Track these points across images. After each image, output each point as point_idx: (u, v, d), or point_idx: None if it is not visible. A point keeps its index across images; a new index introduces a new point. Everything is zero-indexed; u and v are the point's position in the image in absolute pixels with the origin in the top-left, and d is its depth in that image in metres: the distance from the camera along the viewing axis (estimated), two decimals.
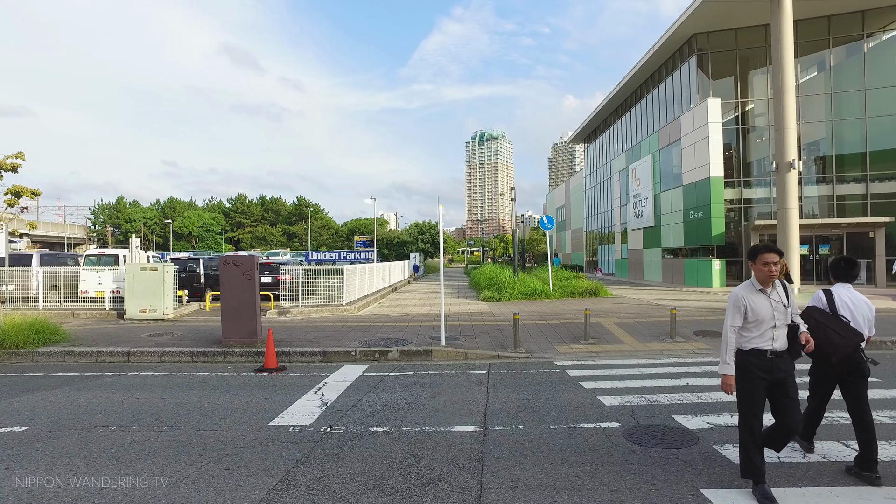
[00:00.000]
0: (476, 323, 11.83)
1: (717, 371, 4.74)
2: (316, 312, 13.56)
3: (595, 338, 10.08)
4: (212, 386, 6.58)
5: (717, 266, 21.71)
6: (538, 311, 13.81)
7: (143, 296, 12.15)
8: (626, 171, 33.09)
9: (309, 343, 9.32)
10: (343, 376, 7.17)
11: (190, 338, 9.88)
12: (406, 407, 5.48)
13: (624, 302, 16.07)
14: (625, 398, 5.72)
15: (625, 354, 8.77)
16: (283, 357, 8.57)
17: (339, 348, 8.83)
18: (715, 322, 11.56)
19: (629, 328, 11.02)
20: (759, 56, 23.00)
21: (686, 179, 24.09)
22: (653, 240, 28.63)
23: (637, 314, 12.99)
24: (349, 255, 37.09)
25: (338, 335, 10.13)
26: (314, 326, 11.30)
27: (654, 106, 29.45)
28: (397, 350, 8.70)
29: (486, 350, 8.94)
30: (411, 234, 52.64)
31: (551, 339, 10.07)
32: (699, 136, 22.50)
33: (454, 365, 8.00)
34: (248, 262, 9.07)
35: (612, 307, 14.57)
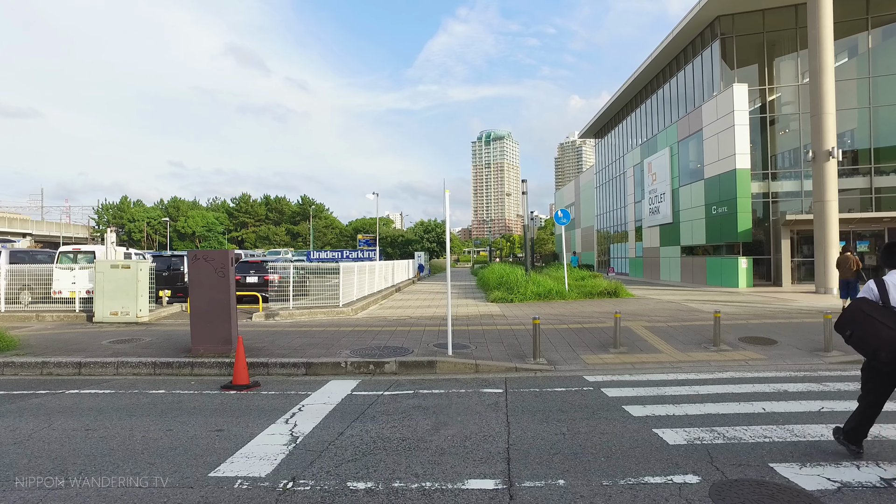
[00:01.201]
0: (487, 327, 10.46)
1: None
2: (308, 315, 12.24)
3: (626, 345, 8.68)
4: (160, 410, 5.25)
5: (744, 264, 20.20)
6: (555, 314, 12.41)
7: (114, 296, 10.87)
8: (640, 165, 31.59)
9: (293, 352, 7.98)
10: (327, 396, 5.82)
11: (158, 345, 8.58)
12: (401, 446, 4.12)
13: (649, 303, 14.63)
14: (691, 432, 4.32)
15: (665, 367, 7.36)
16: (260, 369, 7.24)
17: (326, 358, 7.48)
18: (760, 327, 10.12)
19: (663, 334, 9.60)
20: (787, 39, 21.45)
21: (708, 172, 22.58)
22: (670, 237, 27.11)
23: (668, 317, 11.56)
24: (352, 255, 35.84)
25: (328, 342, 8.79)
26: (303, 331, 9.96)
27: (671, 96, 27.93)
28: (395, 361, 7.34)
29: (501, 361, 7.56)
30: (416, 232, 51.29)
31: (575, 346, 8.68)
32: (723, 126, 21.00)
33: (463, 381, 6.63)
34: (220, 257, 7.75)
35: (637, 309, 13.15)
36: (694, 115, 24.05)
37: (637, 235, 32.82)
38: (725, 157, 20.92)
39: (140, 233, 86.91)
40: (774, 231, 20.67)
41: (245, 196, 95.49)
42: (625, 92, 34.24)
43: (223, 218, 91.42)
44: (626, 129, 36.36)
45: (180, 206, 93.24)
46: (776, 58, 21.76)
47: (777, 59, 21.80)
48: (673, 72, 27.43)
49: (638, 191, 32.32)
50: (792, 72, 21.58)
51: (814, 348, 8.24)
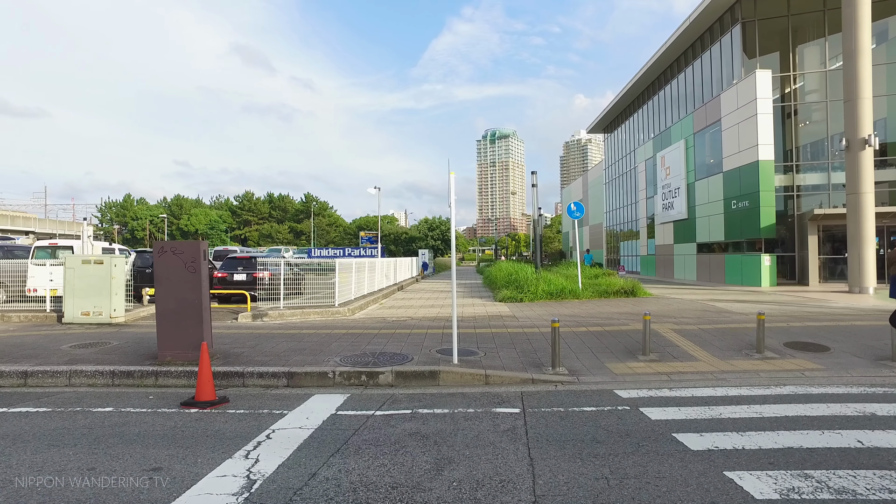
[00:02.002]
0: (496, 330, 9.39)
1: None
2: (300, 316, 11.21)
3: (657, 352, 7.60)
4: (93, 437, 4.22)
5: (767, 262, 19.01)
6: (571, 315, 11.32)
7: (85, 295, 9.87)
8: (653, 159, 30.38)
9: (275, 359, 6.95)
10: (305, 417, 4.78)
11: (124, 350, 7.56)
12: (390, 498, 3.06)
13: (671, 303, 13.51)
14: (778, 479, 3.24)
15: (707, 378, 6.28)
16: (234, 380, 6.22)
17: (312, 367, 6.44)
18: (803, 330, 8.99)
19: (696, 338, 8.50)
20: (813, 22, 20.20)
21: (727, 165, 21.38)
22: (685, 234, 25.92)
23: (696, 318, 10.44)
24: (354, 252, 34.87)
25: (318, 347, 7.75)
26: (291, 334, 8.93)
27: (686, 86, 26.72)
28: (391, 371, 6.29)
29: (515, 371, 6.49)
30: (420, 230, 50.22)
31: (598, 352, 7.60)
32: (744, 115, 19.80)
33: (471, 396, 5.57)
34: (191, 249, 6.72)
35: (660, 310, 12.03)
36: (711, 106, 22.85)
37: (649, 232, 31.63)
38: (747, 148, 19.72)
39: (143, 231, 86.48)
40: (799, 226, 19.46)
41: (248, 194, 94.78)
42: (636, 84, 33.02)
43: (226, 216, 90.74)
44: (637, 122, 35.13)
45: (183, 204, 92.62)
46: (800, 43, 20.51)
47: (801, 44, 20.55)
48: (688, 60, 26.20)
49: (650, 186, 31.12)
50: (817, 57, 20.33)
51: (877, 356, 7.12)
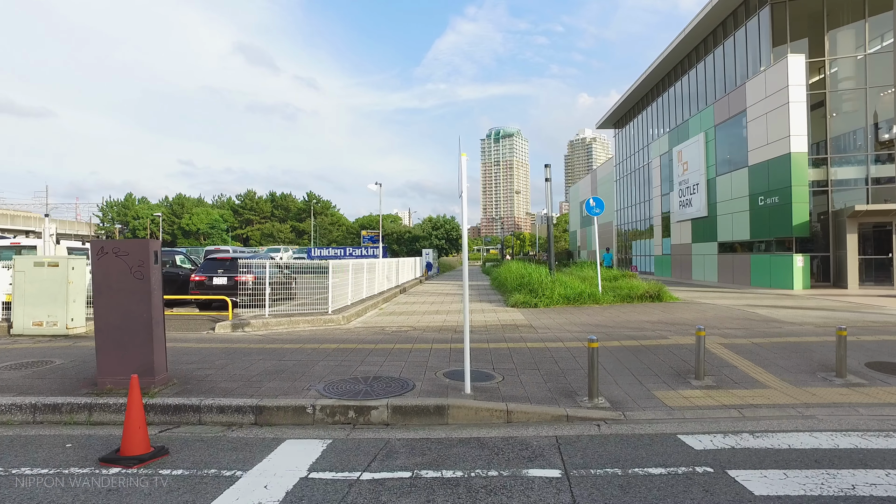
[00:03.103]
0: (513, 344, 8.02)
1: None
2: (287, 325, 9.87)
3: (712, 375, 6.22)
4: None
5: (800, 263, 17.54)
6: (596, 325, 9.94)
7: (37, 302, 8.57)
8: (668, 154, 28.91)
9: (245, 385, 5.60)
10: (263, 484, 3.43)
11: (65, 373, 6.24)
12: None
13: (704, 309, 12.09)
14: None
15: (791, 415, 4.90)
16: (189, 415, 4.90)
17: (288, 399, 5.10)
18: (879, 346, 7.58)
19: (752, 356, 7.11)
20: (849, 4, 18.69)
21: (754, 158, 19.91)
22: (705, 233, 24.45)
23: (742, 329, 9.03)
24: (355, 252, 33.58)
25: (300, 368, 6.41)
26: (272, 350, 7.59)
27: (706, 76, 25.24)
28: (387, 405, 4.94)
29: (544, 405, 5.13)
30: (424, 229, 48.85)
31: (640, 375, 6.22)
32: (774, 104, 18.32)
33: (491, 445, 4.21)
34: (137, 250, 5.39)
35: (695, 318, 10.63)
36: (735, 95, 21.37)
37: (664, 231, 30.17)
38: (777, 139, 18.25)
39: (144, 230, 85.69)
40: (835, 224, 17.98)
41: (250, 193, 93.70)
42: (649, 76, 31.55)
43: (228, 215, 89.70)
44: (650, 116, 33.65)
45: (185, 203, 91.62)
46: (835, 27, 19.00)
47: (835, 28, 19.04)
48: (709, 48, 24.72)
49: (665, 183, 29.65)
50: (852, 41, 18.83)
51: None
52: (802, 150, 17.49)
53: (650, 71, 31.00)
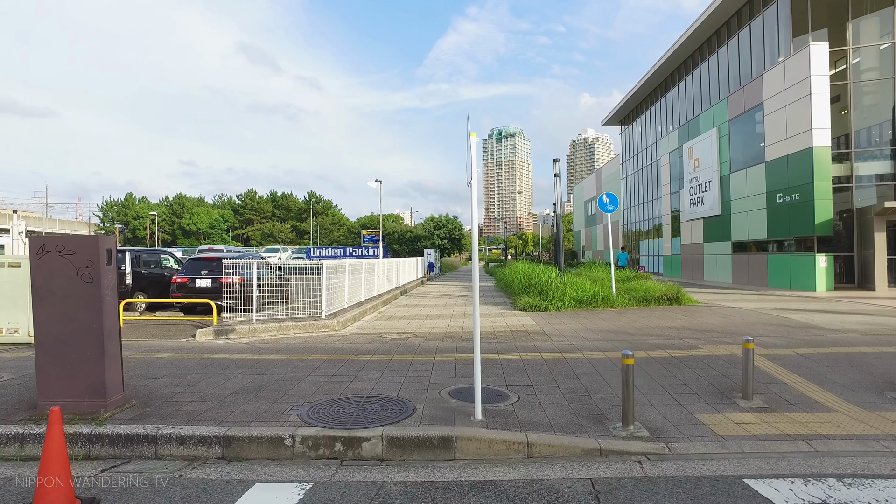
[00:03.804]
0: (527, 355, 7.14)
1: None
2: (277, 331, 9.01)
3: (762, 393, 5.34)
4: None
5: (823, 263, 16.62)
6: (615, 332, 9.05)
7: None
8: (678, 151, 27.98)
9: (216, 407, 4.74)
10: None
11: (8, 392, 5.39)
12: None
13: (730, 314, 11.18)
14: None
15: (873, 447, 4.03)
16: (143, 447, 4.04)
17: (263, 427, 4.23)
18: None
19: (803, 370, 6.21)
20: None
21: (771, 154, 18.99)
22: (718, 232, 23.53)
23: (781, 338, 8.13)
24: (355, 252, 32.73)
25: (284, 385, 5.55)
26: (255, 361, 6.73)
27: (718, 70, 24.33)
28: (382, 436, 4.06)
29: (571, 434, 4.25)
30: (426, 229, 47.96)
31: (678, 394, 5.35)
32: (794, 96, 17.40)
33: (511, 489, 3.33)
34: (85, 248, 4.53)
35: (723, 323, 9.74)
36: (751, 88, 20.45)
37: (673, 230, 29.24)
38: (797, 133, 17.33)
39: (144, 230, 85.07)
40: (860, 223, 17.06)
41: (251, 192, 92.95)
42: (658, 72, 30.66)
43: (228, 215, 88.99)
44: (659, 112, 32.74)
45: (185, 202, 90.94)
46: (858, 15, 18.07)
47: (858, 17, 18.11)
48: (722, 40, 23.81)
49: (675, 180, 28.72)
50: (876, 31, 17.90)
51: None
52: (825, 143, 16.56)
53: (658, 66, 30.10)
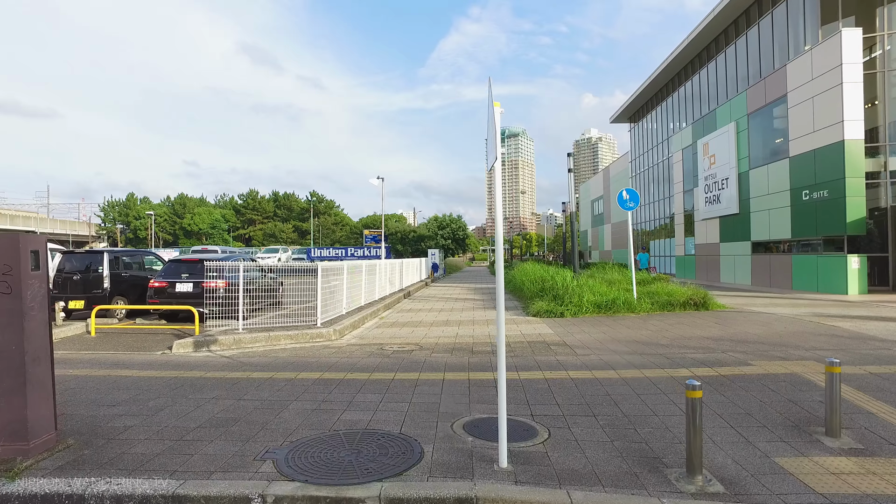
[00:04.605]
0: (551, 374, 6.12)
1: None
2: (265, 341, 8.03)
3: (848, 427, 4.33)
4: None
5: (856, 264, 15.54)
6: (646, 342, 8.02)
7: None
8: (692, 147, 26.90)
9: (173, 449, 3.75)
10: None
11: None
12: None
13: (768, 322, 10.14)
14: None
15: None
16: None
17: (223, 484, 3.24)
18: None
19: (889, 396, 5.19)
20: None
21: (796, 148, 17.92)
22: (736, 231, 22.45)
23: (841, 352, 7.09)
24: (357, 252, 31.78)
25: (262, 414, 4.56)
26: (235, 382, 5.74)
27: (736, 61, 23.26)
28: (380, 498, 3.07)
29: (622, 490, 3.24)
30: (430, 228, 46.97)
31: (741, 426, 4.34)
32: (823, 86, 16.33)
33: None
34: (3, 250, 3.55)
35: (765, 333, 8.70)
36: (773, 79, 19.37)
37: (687, 229, 28.17)
38: (826, 126, 16.26)
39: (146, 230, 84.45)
40: (895, 221, 15.97)
41: (252, 192, 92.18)
42: (670, 65, 29.61)
43: (230, 215, 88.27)
44: (670, 108, 31.67)
45: (187, 202, 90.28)
46: (892, 0, 16.98)
47: (892, 2, 17.02)
48: (740, 30, 22.74)
49: (689, 178, 27.65)
50: None
51: None
52: (858, 136, 15.49)
53: (671, 60, 29.05)
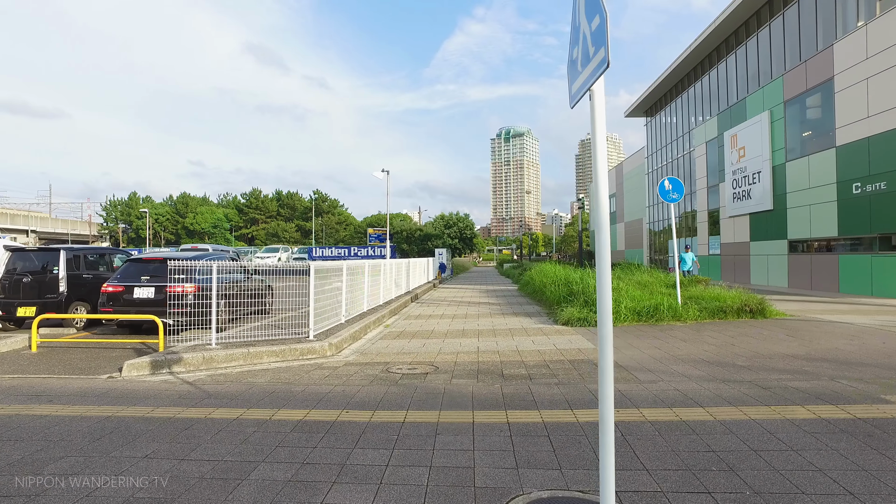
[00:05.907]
0: (617, 414, 4.51)
1: None
2: (244, 359, 6.47)
3: None
4: None
5: None
6: (718, 363, 6.39)
7: None
8: (717, 140, 25.20)
9: None
10: None
11: None
12: None
13: (851, 334, 8.48)
14: None
15: None
16: None
17: None
18: None
19: None
20: None
21: (844, 137, 16.23)
22: (769, 229, 20.75)
23: None
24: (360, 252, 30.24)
25: (210, 490, 2.97)
26: (187, 423, 4.18)
27: (770, 45, 21.56)
28: None
29: None
30: (436, 227, 45.38)
31: None
32: (881, 66, 14.65)
33: None
34: None
35: (862, 352, 7.05)
36: (816, 62, 17.68)
37: (711, 228, 26.46)
38: (884, 110, 14.57)
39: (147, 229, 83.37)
40: None
41: (255, 191, 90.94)
42: (691, 55, 27.91)
43: (233, 214, 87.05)
44: (691, 99, 29.96)
45: (189, 202, 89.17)
46: None
47: None
48: (776, 10, 21.03)
49: (713, 173, 25.94)
50: None
51: None
52: None
53: (692, 50, 27.36)
